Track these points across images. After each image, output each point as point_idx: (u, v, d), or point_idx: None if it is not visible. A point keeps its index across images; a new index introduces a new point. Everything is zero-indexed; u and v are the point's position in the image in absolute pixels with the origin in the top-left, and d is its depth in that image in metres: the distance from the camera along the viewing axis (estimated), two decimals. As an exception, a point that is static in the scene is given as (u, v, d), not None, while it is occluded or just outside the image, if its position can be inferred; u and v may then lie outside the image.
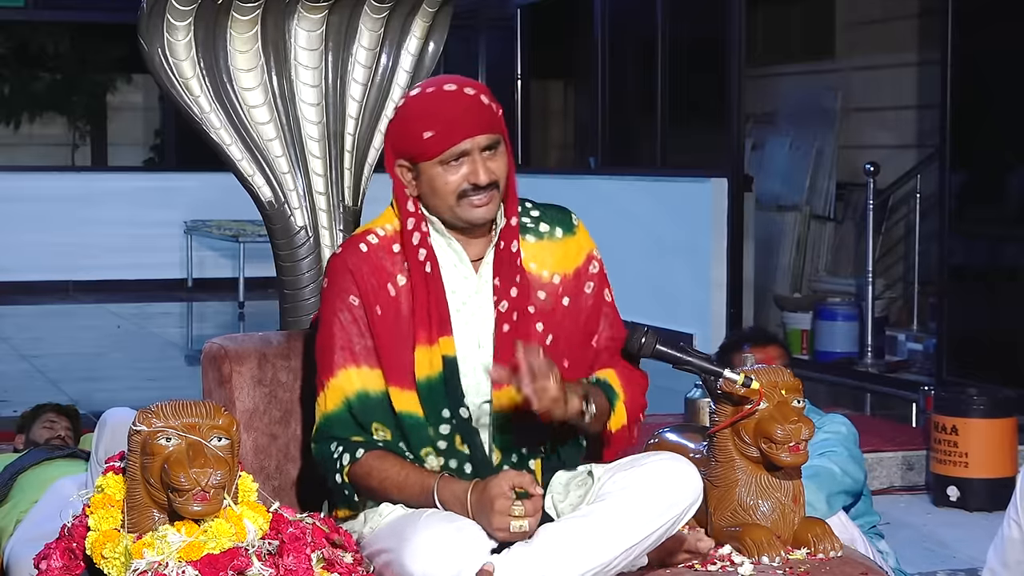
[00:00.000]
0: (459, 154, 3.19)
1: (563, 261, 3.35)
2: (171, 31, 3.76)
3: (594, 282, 3.37)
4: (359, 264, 3.26)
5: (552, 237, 3.36)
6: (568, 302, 3.33)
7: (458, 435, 3.22)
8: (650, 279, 10.72)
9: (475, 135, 3.19)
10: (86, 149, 17.89)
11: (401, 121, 3.25)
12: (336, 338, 3.24)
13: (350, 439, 3.21)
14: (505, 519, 3.00)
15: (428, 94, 3.22)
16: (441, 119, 3.17)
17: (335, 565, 2.95)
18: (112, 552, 2.84)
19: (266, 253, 4.26)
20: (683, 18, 11.29)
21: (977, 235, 8.57)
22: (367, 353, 3.23)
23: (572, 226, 3.40)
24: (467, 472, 3.21)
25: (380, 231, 3.31)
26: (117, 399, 7.19)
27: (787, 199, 11.20)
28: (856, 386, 9.18)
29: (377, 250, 3.28)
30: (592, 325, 3.36)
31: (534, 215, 3.38)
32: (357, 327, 3.24)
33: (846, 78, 11.59)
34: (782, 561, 3.27)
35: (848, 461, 4.39)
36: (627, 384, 3.35)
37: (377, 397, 3.22)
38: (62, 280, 14.67)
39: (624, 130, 12.18)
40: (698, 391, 4.96)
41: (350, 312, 3.24)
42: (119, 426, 4.61)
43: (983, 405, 6.55)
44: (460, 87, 3.22)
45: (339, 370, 3.23)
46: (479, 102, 3.21)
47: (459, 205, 3.21)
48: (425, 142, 3.18)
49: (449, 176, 3.20)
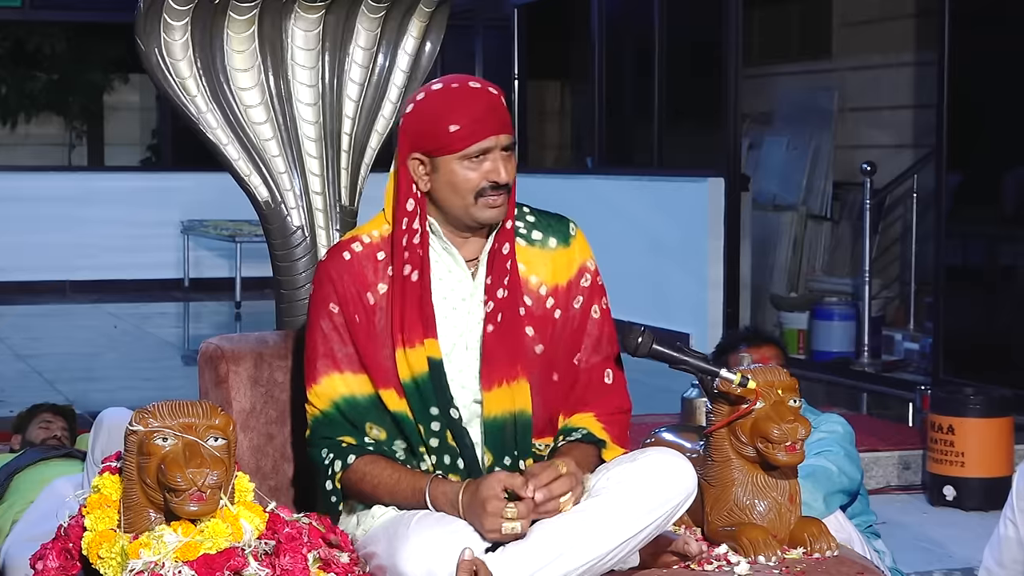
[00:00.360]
0: (482, 151, 3.19)
1: (554, 272, 3.35)
2: (168, 31, 3.76)
3: (583, 296, 3.35)
4: (341, 272, 3.27)
5: (544, 246, 3.36)
6: (559, 315, 3.33)
7: (449, 433, 3.22)
8: (647, 279, 10.73)
9: (499, 133, 3.19)
10: (83, 149, 17.89)
11: (423, 113, 3.23)
12: (319, 345, 3.26)
13: (341, 444, 3.22)
14: (497, 520, 3.00)
15: (454, 89, 3.22)
16: (469, 114, 3.17)
17: (331, 565, 2.95)
18: (108, 552, 2.84)
19: (263, 253, 4.26)
20: (680, 18, 11.29)
21: (973, 235, 8.59)
22: (349, 360, 3.24)
23: (568, 236, 3.38)
24: (460, 469, 3.22)
25: (366, 238, 3.31)
26: (113, 399, 7.20)
27: (784, 199, 11.20)
28: (852, 386, 9.19)
29: (360, 258, 3.28)
30: (576, 343, 3.35)
31: (530, 220, 3.37)
32: (338, 334, 3.25)
33: (843, 78, 11.59)
34: (778, 561, 3.27)
35: (845, 460, 4.39)
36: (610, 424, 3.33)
37: (365, 400, 3.23)
38: (59, 280, 14.67)
39: (621, 130, 12.18)
40: (695, 391, 4.96)
41: (331, 320, 3.26)
42: (115, 426, 4.61)
43: (979, 404, 6.55)
44: (484, 85, 3.23)
45: (322, 377, 3.24)
46: (500, 102, 3.23)
47: (475, 203, 3.21)
48: (451, 135, 3.18)
49: (470, 172, 3.19)
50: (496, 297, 3.26)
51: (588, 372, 3.36)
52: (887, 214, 10.66)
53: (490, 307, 3.26)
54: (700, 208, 10.42)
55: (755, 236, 10.51)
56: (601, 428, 3.32)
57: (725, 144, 10.28)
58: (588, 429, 3.31)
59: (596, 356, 3.37)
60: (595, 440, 3.30)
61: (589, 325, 3.36)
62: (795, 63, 12.33)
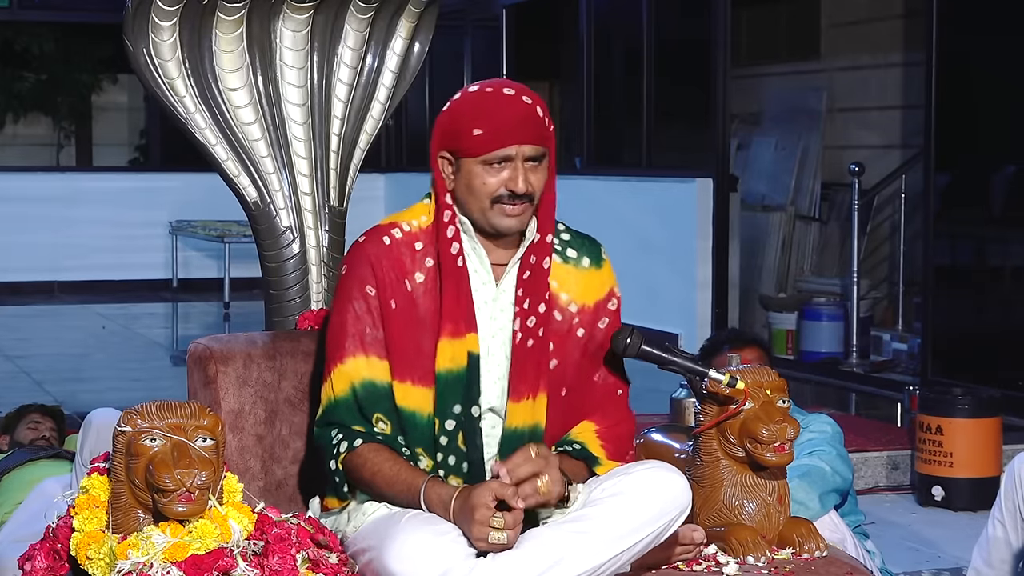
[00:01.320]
0: (502, 158, 3.19)
1: (585, 292, 3.35)
2: (156, 31, 3.76)
3: (609, 319, 3.37)
4: (380, 256, 3.25)
5: (578, 265, 3.37)
6: (583, 333, 3.33)
7: (462, 433, 3.22)
8: (635, 279, 10.71)
9: (522, 143, 3.19)
10: (71, 149, 17.87)
11: (453, 114, 3.24)
12: (349, 325, 3.24)
13: (351, 428, 3.21)
14: (484, 530, 3.00)
15: (486, 93, 3.23)
16: (493, 120, 3.18)
17: (320, 565, 2.94)
18: (97, 553, 2.84)
19: (251, 253, 4.26)
20: (668, 18, 11.30)
21: (962, 235, 8.60)
22: (377, 344, 3.23)
23: (600, 259, 3.40)
24: (464, 472, 3.22)
25: (406, 226, 3.30)
26: (102, 400, 7.18)
27: (772, 199, 11.21)
28: (841, 386, 9.19)
29: (399, 244, 3.27)
30: (598, 360, 3.36)
31: (565, 238, 3.38)
32: (371, 317, 3.23)
33: (831, 78, 11.60)
34: (767, 561, 3.28)
35: (837, 460, 4.40)
36: (608, 440, 3.33)
37: (383, 388, 3.22)
38: (47, 280, 14.65)
39: (609, 130, 12.18)
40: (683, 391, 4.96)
41: (365, 301, 3.24)
42: (104, 427, 4.61)
43: (968, 405, 6.55)
44: (519, 93, 3.22)
45: (348, 357, 3.23)
46: (534, 112, 3.21)
47: (491, 209, 3.21)
48: (473, 139, 3.18)
49: (488, 177, 3.20)
50: (537, 312, 3.26)
51: (603, 387, 3.38)
52: (875, 214, 10.67)
53: (532, 322, 3.25)
54: (689, 208, 10.42)
55: (744, 236, 10.52)
56: (599, 445, 3.32)
57: (714, 144, 10.28)
58: (584, 444, 3.31)
59: (612, 375, 3.38)
60: (588, 456, 3.30)
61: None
62: (783, 63, 12.34)
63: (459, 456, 3.22)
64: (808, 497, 4.15)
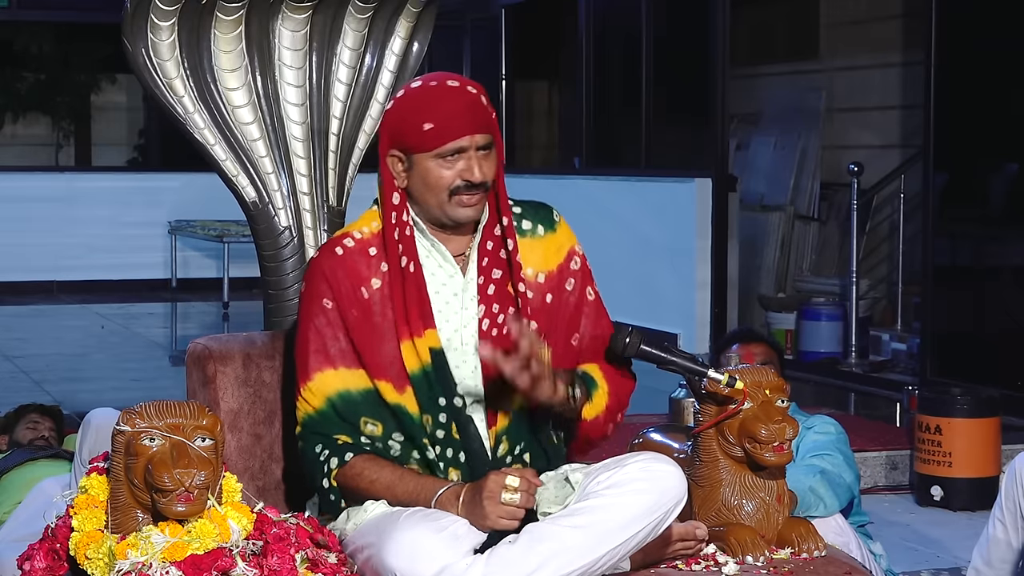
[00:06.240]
0: (456, 150, 3.20)
1: (546, 259, 3.36)
2: (155, 31, 3.76)
3: (575, 279, 3.38)
4: (334, 267, 3.27)
5: (534, 235, 3.37)
6: (551, 299, 3.34)
7: (454, 424, 3.23)
8: (634, 279, 10.72)
9: (474, 133, 3.20)
10: (70, 149, 17.85)
11: (400, 111, 3.24)
12: (311, 343, 3.26)
13: (336, 441, 3.22)
14: (495, 502, 3.02)
15: (431, 87, 3.23)
16: (442, 113, 3.18)
17: (319, 565, 2.95)
18: (96, 553, 2.84)
19: (250, 253, 4.26)
20: (667, 18, 11.30)
21: (961, 235, 8.60)
22: (343, 355, 3.24)
23: (554, 223, 3.40)
24: (462, 461, 3.23)
25: (357, 234, 3.32)
26: (101, 399, 7.19)
27: (771, 199, 11.21)
28: (840, 386, 9.19)
29: (353, 253, 3.29)
30: (574, 324, 3.37)
31: (516, 212, 3.38)
32: (332, 330, 3.25)
33: (830, 78, 11.60)
34: (766, 561, 3.28)
35: (844, 465, 4.40)
36: (611, 380, 3.35)
37: (361, 395, 3.23)
38: (46, 280, 14.64)
39: (608, 130, 12.18)
40: (682, 391, 4.96)
41: (324, 316, 3.26)
42: (103, 427, 4.60)
43: (967, 405, 6.56)
44: (463, 84, 3.23)
45: (315, 373, 3.24)
46: (479, 102, 3.22)
47: (449, 202, 3.22)
48: (424, 134, 3.19)
49: (443, 171, 3.20)
50: (493, 295, 3.27)
51: (592, 342, 3.38)
52: (874, 214, 10.67)
53: (496, 307, 3.27)
54: (688, 208, 10.42)
55: (743, 236, 10.52)
56: (602, 376, 3.34)
57: (713, 144, 10.28)
58: (588, 372, 3.34)
59: (598, 331, 3.39)
60: (590, 381, 3.32)
61: (586, 307, 3.39)
62: (782, 63, 12.34)
63: (455, 447, 3.23)
64: (828, 495, 4.16)
